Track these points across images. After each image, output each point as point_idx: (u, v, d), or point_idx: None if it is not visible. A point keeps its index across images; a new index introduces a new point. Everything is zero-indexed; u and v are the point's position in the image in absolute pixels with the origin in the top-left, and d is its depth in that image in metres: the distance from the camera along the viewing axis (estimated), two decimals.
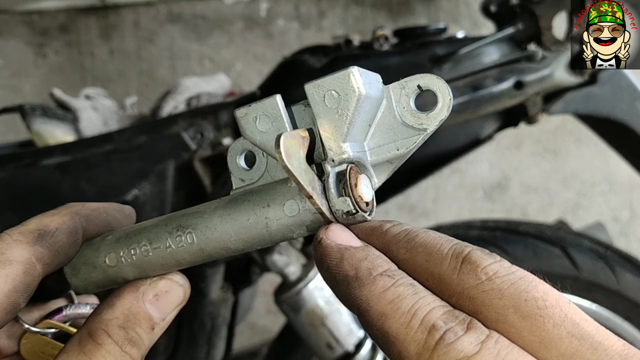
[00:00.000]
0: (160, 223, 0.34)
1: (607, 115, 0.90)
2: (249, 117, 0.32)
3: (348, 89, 0.30)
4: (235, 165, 0.37)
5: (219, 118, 0.89)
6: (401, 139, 0.32)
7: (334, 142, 0.31)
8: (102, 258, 0.35)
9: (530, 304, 0.24)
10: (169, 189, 0.88)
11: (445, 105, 0.32)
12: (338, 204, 0.30)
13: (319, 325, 0.87)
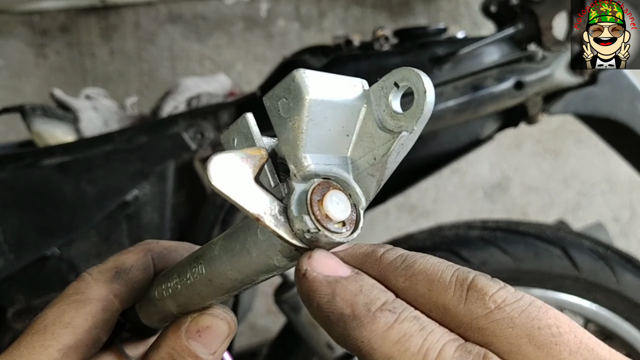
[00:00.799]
0: (190, 255, 0.35)
1: (607, 116, 0.90)
2: (229, 139, 0.31)
3: (295, 93, 0.27)
4: None
5: (219, 118, 0.89)
6: (378, 146, 0.28)
7: (294, 155, 0.27)
8: (153, 291, 0.36)
9: (544, 332, 0.23)
10: (169, 189, 0.88)
11: (423, 102, 0.26)
12: (296, 222, 0.27)
13: (319, 326, 0.87)
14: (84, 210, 0.86)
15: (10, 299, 0.88)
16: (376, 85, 0.30)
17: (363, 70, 0.87)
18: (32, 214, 0.86)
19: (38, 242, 0.86)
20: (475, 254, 0.93)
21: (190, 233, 0.91)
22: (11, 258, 0.85)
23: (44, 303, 0.91)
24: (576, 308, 0.98)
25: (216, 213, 0.86)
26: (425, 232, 1.01)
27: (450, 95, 0.86)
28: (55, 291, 0.87)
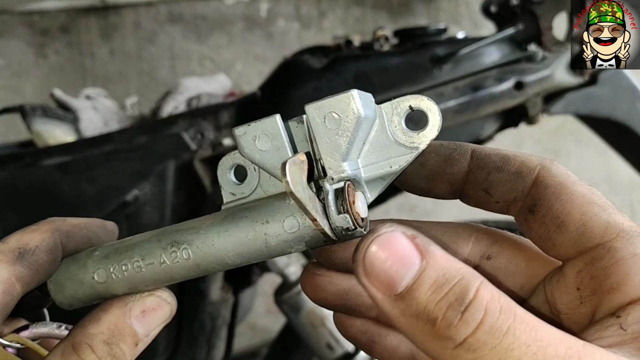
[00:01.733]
0: (153, 239, 0.35)
1: (608, 116, 0.90)
2: (248, 136, 0.33)
3: (348, 111, 0.31)
4: (225, 180, 0.37)
5: (219, 118, 0.89)
6: (394, 157, 0.33)
7: (333, 161, 0.32)
8: (90, 274, 0.35)
9: None
10: (169, 189, 0.88)
11: (435, 125, 0.33)
12: (338, 221, 0.31)
13: (319, 326, 0.87)
14: (84, 210, 0.86)
15: None
16: (389, 104, 0.34)
17: (363, 71, 0.87)
18: (32, 213, 0.86)
19: None
20: None
21: None
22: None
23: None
24: None
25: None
26: None
27: (450, 96, 0.86)
28: None
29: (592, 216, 0.29)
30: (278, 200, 0.33)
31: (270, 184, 0.35)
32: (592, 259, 0.29)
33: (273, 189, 0.35)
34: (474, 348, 0.24)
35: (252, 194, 0.36)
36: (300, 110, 0.33)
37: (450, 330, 0.24)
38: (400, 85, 0.87)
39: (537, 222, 0.31)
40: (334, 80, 0.87)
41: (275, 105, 0.89)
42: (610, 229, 0.29)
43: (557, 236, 0.30)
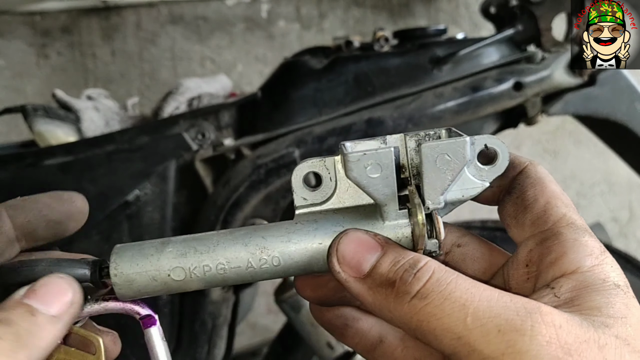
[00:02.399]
0: (238, 242, 0.36)
1: (606, 116, 0.90)
2: (360, 162, 0.35)
3: (460, 156, 0.35)
4: (299, 185, 0.39)
5: (220, 119, 0.89)
6: (467, 188, 0.37)
7: (434, 194, 0.35)
8: (165, 272, 0.36)
9: None
10: (170, 189, 0.88)
11: (503, 165, 0.37)
12: (429, 245, 0.35)
13: (319, 325, 0.87)
14: None
15: None
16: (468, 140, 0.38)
17: (363, 71, 0.87)
18: None
19: None
20: None
21: (191, 233, 0.92)
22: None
23: None
24: None
25: (217, 213, 0.86)
26: None
27: (449, 96, 0.86)
28: None
29: (554, 207, 0.35)
30: (372, 220, 0.37)
31: (348, 195, 0.38)
32: (541, 239, 0.34)
33: (351, 201, 0.38)
34: (424, 295, 0.30)
35: (325, 201, 0.39)
36: (301, 110, 0.35)
37: (406, 286, 0.31)
38: (400, 86, 0.87)
39: (510, 201, 0.37)
40: (334, 81, 0.88)
41: (275, 105, 0.90)
42: (564, 219, 0.34)
43: (521, 216, 0.36)
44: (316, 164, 0.39)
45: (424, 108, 0.86)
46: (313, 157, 0.39)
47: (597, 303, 0.29)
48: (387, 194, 0.35)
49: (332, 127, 0.85)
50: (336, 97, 0.87)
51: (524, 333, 0.27)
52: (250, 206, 0.86)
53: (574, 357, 0.27)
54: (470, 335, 0.28)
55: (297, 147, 0.85)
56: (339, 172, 0.38)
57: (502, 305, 0.29)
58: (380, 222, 0.36)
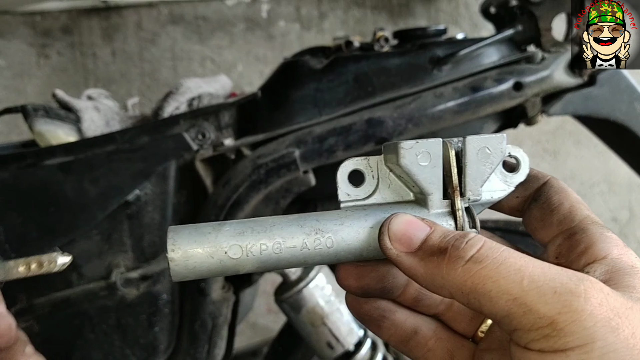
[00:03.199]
0: (293, 223, 0.38)
1: (606, 117, 0.90)
2: (413, 150, 0.38)
3: (498, 149, 0.38)
4: (344, 181, 0.41)
5: (220, 119, 0.89)
6: (496, 190, 0.41)
7: (475, 185, 0.39)
8: (222, 249, 0.36)
9: None
10: (170, 189, 0.88)
11: (525, 172, 0.42)
12: None
13: (319, 325, 0.87)
14: (86, 209, 0.87)
15: (11, 298, 0.89)
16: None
17: (363, 71, 0.88)
18: (34, 213, 0.87)
19: (40, 242, 0.86)
20: None
21: None
22: (13, 257, 0.86)
23: (46, 302, 0.92)
24: None
25: (217, 213, 0.86)
26: None
27: (449, 96, 0.86)
28: (57, 291, 0.88)
29: (578, 209, 0.38)
30: (418, 208, 0.39)
31: (389, 192, 0.41)
32: (569, 234, 0.37)
33: (392, 197, 0.41)
34: (480, 260, 0.32)
35: (368, 197, 0.41)
36: (301, 110, 0.35)
37: (459, 252, 0.33)
38: (400, 86, 0.87)
39: (537, 207, 0.41)
40: (334, 81, 0.88)
41: (276, 105, 0.90)
42: (588, 219, 0.38)
43: (548, 218, 0.39)
44: (360, 162, 0.41)
45: (424, 108, 0.86)
46: (357, 156, 0.41)
47: (631, 283, 0.32)
48: (434, 182, 0.38)
49: (332, 127, 0.85)
50: (336, 97, 0.87)
51: (579, 295, 0.29)
52: (251, 206, 0.86)
53: (622, 319, 0.29)
54: (527, 296, 0.29)
55: (297, 147, 0.85)
56: (381, 171, 0.41)
57: (555, 271, 0.31)
58: (425, 210, 0.39)
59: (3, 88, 1.72)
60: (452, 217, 0.39)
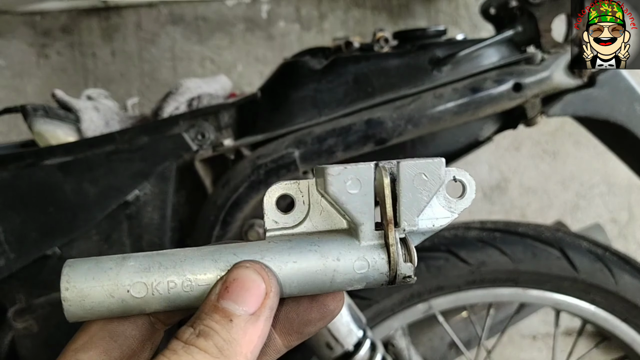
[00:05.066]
0: (206, 258, 0.34)
1: (606, 118, 0.90)
2: (341, 177, 0.35)
3: (436, 175, 0.35)
4: (271, 207, 0.38)
5: (220, 119, 0.89)
6: (437, 217, 0.38)
7: (410, 215, 0.36)
8: (124, 287, 0.33)
9: None
10: (170, 190, 0.88)
11: (471, 197, 0.38)
12: (404, 268, 0.35)
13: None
14: (85, 210, 0.87)
15: (11, 298, 0.88)
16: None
17: (363, 72, 0.88)
18: (34, 213, 0.87)
19: (39, 242, 0.86)
20: (474, 255, 0.94)
21: (190, 233, 0.92)
22: (12, 257, 0.86)
23: (45, 302, 0.92)
24: (574, 309, 0.98)
25: (216, 213, 0.86)
26: None
27: (449, 97, 0.86)
28: (55, 291, 0.88)
29: None
30: (347, 240, 0.36)
31: (321, 220, 0.38)
32: None
33: (324, 225, 0.37)
34: None
35: (298, 225, 0.38)
36: (300, 111, 0.34)
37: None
38: (400, 87, 0.87)
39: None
40: (334, 82, 0.88)
41: (275, 106, 0.90)
42: None
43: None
44: (289, 187, 0.38)
45: (423, 109, 0.86)
46: (286, 180, 0.38)
47: None
48: (364, 212, 0.35)
49: (332, 127, 0.85)
50: (336, 97, 0.87)
51: None
52: (250, 206, 0.86)
53: None
54: None
55: (297, 147, 0.85)
56: (312, 196, 0.37)
57: None
58: (356, 242, 0.36)
59: (3, 88, 1.71)
60: (385, 250, 0.35)
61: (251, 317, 0.31)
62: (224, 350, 0.30)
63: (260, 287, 0.32)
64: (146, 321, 0.37)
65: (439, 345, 1.20)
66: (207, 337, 0.30)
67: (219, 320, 0.31)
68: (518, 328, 1.91)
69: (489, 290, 0.97)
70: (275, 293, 0.33)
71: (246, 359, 0.31)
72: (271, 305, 0.32)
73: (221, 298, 0.32)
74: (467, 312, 1.15)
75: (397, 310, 0.98)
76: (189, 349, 0.30)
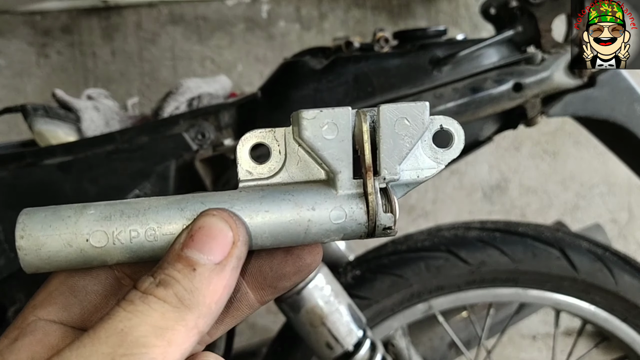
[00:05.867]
0: (172, 206, 0.32)
1: (606, 118, 0.90)
2: (317, 121, 0.33)
3: (419, 120, 0.33)
4: (245, 157, 0.35)
5: (220, 119, 0.89)
6: (422, 168, 0.35)
7: (391, 163, 0.33)
8: (83, 236, 0.31)
9: None
10: (170, 189, 0.88)
11: (459, 147, 0.36)
12: (384, 219, 0.33)
13: (318, 325, 0.87)
14: None
15: (11, 297, 0.88)
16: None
17: (363, 72, 0.88)
18: None
19: None
20: (474, 255, 0.94)
21: None
22: (12, 257, 0.86)
23: None
24: (574, 309, 0.98)
25: None
26: (424, 232, 1.01)
27: (449, 97, 0.86)
28: None
29: None
30: (324, 189, 0.34)
31: (298, 170, 0.35)
32: None
33: (301, 176, 0.35)
34: None
35: (273, 176, 0.35)
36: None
37: None
38: (400, 87, 0.87)
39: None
40: (334, 82, 0.88)
41: (275, 106, 0.90)
42: None
43: None
44: (265, 135, 0.35)
45: None
46: (262, 128, 0.36)
47: None
48: (341, 159, 0.33)
49: None
50: (336, 97, 0.87)
51: None
52: None
53: None
54: None
55: None
56: (289, 145, 0.35)
57: None
58: (333, 192, 0.33)
59: (3, 87, 1.71)
60: (364, 199, 0.33)
61: (216, 267, 0.30)
62: (184, 300, 0.29)
63: (227, 236, 0.30)
64: (110, 276, 0.35)
65: (439, 345, 1.21)
66: (167, 286, 0.29)
67: (182, 270, 0.29)
68: (518, 328, 1.92)
69: (489, 290, 0.97)
70: (244, 242, 0.31)
71: (210, 310, 0.29)
72: (238, 255, 0.31)
73: (185, 247, 0.30)
74: (467, 312, 1.15)
75: (397, 310, 0.98)
76: (146, 299, 0.28)
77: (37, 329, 0.32)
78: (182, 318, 0.28)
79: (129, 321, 0.28)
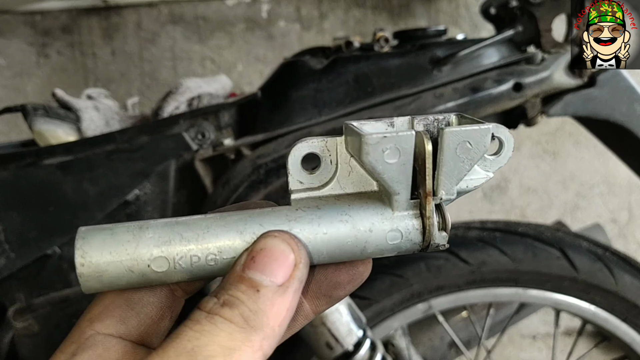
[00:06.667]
0: (231, 229, 0.32)
1: (606, 118, 0.90)
2: (379, 146, 0.31)
3: (481, 144, 0.32)
4: (296, 167, 0.35)
5: (220, 119, 0.89)
6: (472, 178, 0.35)
7: (449, 184, 0.33)
8: (145, 262, 0.31)
9: None
10: (170, 189, 0.88)
11: (507, 156, 0.35)
12: (438, 238, 0.33)
13: (318, 325, 0.87)
14: (85, 209, 0.87)
15: (11, 297, 0.89)
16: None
17: (363, 72, 0.88)
18: (34, 213, 0.87)
19: (39, 241, 0.86)
20: (474, 255, 0.94)
21: None
22: (12, 257, 0.86)
23: (45, 302, 0.92)
24: (574, 309, 0.98)
25: None
26: None
27: (449, 97, 0.86)
28: (55, 290, 0.88)
29: None
30: (380, 208, 0.34)
31: (349, 181, 0.35)
32: None
33: (353, 187, 0.35)
34: None
35: (324, 186, 0.35)
36: (300, 110, 0.34)
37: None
38: (400, 86, 0.87)
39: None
40: (334, 81, 0.88)
41: (275, 105, 0.90)
42: None
43: None
44: (316, 145, 0.35)
45: (423, 109, 0.86)
46: (313, 137, 0.35)
47: None
48: (401, 181, 0.32)
49: (332, 127, 0.85)
50: (336, 97, 0.87)
51: None
52: None
53: None
54: None
55: None
56: (341, 155, 0.35)
57: None
58: (389, 211, 0.33)
59: (3, 87, 1.71)
60: (420, 219, 0.33)
61: (279, 289, 0.30)
62: (249, 321, 0.28)
63: (288, 258, 0.30)
64: (165, 288, 0.35)
65: (439, 345, 1.20)
66: (232, 306, 0.29)
67: (245, 291, 0.29)
68: (518, 328, 1.91)
69: (489, 290, 0.97)
70: (305, 264, 0.31)
71: (274, 332, 0.29)
72: (300, 277, 0.31)
73: (247, 268, 0.30)
74: (467, 312, 1.15)
75: (397, 310, 0.98)
76: (212, 319, 0.29)
77: (96, 343, 0.31)
78: (248, 339, 0.28)
79: (197, 340, 0.28)
